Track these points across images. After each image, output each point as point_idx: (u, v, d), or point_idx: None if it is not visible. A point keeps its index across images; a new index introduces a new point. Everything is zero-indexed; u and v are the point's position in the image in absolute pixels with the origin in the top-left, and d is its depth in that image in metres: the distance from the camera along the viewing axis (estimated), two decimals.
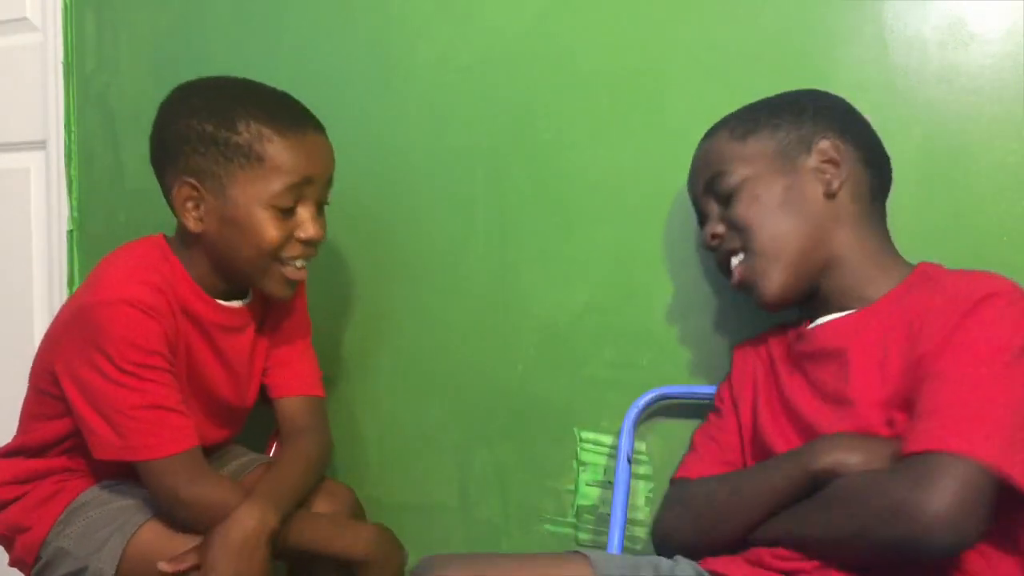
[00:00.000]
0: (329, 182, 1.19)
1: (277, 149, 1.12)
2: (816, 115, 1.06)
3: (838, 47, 1.18)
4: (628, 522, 1.30)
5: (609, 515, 1.24)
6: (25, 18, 1.81)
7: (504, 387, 1.39)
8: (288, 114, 1.15)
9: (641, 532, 1.30)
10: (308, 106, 1.53)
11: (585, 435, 1.34)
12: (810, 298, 1.07)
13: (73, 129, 1.75)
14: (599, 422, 1.32)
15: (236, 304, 1.23)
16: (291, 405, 1.30)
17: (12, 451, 1.23)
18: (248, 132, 1.11)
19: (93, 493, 1.19)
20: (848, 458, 0.92)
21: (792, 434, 1.03)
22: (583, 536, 1.34)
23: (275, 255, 1.15)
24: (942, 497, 0.81)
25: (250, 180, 1.11)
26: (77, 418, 1.12)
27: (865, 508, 0.87)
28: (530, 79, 1.35)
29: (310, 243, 1.17)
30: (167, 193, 1.16)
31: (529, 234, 1.36)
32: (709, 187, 1.09)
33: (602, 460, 1.33)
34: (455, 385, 1.43)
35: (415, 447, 1.46)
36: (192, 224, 1.14)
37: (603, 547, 1.31)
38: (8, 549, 1.22)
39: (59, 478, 1.20)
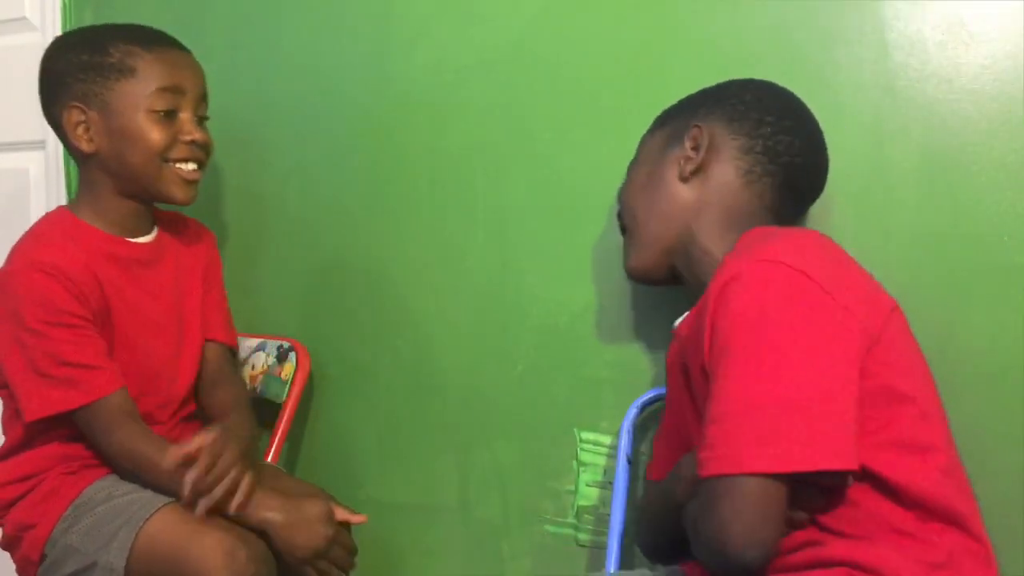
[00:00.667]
0: (203, 97, 1.29)
1: (146, 60, 1.23)
2: (715, 105, 1.08)
3: (838, 47, 1.18)
4: (628, 522, 1.30)
5: (609, 515, 1.24)
6: (24, 18, 1.81)
7: (504, 387, 1.39)
8: (154, 35, 1.28)
9: None
10: (308, 106, 1.54)
11: (585, 435, 1.34)
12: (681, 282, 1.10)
13: None
14: (599, 422, 1.32)
15: (143, 239, 1.31)
16: (215, 350, 1.38)
17: (3, 454, 1.24)
18: (118, 51, 1.24)
19: (99, 487, 1.19)
20: (682, 470, 0.98)
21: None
22: (583, 536, 1.34)
23: (163, 156, 1.24)
24: (725, 523, 0.83)
25: (127, 91, 1.22)
26: (10, 389, 1.18)
27: (694, 537, 0.90)
28: (530, 79, 1.35)
29: (194, 145, 1.26)
30: (59, 128, 1.26)
31: (529, 234, 1.36)
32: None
33: (602, 460, 1.33)
34: (455, 385, 1.43)
35: (415, 447, 1.46)
36: (85, 146, 1.24)
37: (603, 547, 1.31)
38: (15, 548, 1.22)
39: (62, 470, 1.21)
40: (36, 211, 1.82)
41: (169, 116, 1.24)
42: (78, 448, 1.21)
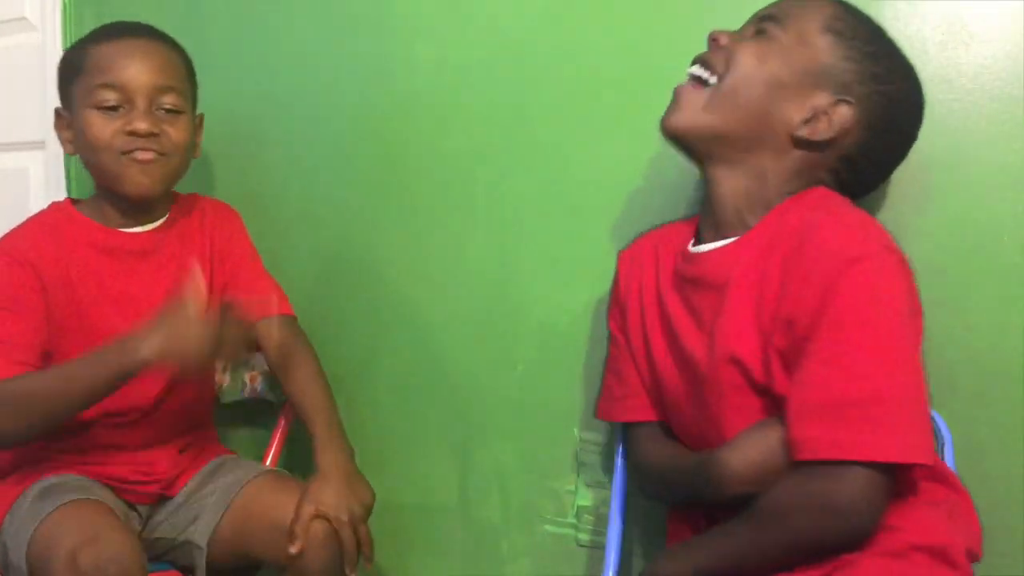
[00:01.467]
0: (161, 88, 1.24)
1: (92, 57, 1.23)
2: (866, 87, 0.99)
3: None
4: (628, 522, 1.30)
5: (609, 515, 1.24)
6: (24, 18, 1.81)
7: (504, 387, 1.39)
8: (114, 29, 1.28)
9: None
10: (308, 106, 1.54)
11: (585, 435, 1.34)
12: (707, 203, 1.05)
13: None
14: (599, 422, 1.32)
15: (139, 229, 1.30)
16: (267, 326, 1.32)
17: None
18: (78, 51, 1.26)
19: (34, 489, 1.19)
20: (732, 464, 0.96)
21: (671, 359, 1.05)
22: (583, 536, 1.34)
23: (113, 150, 1.22)
24: (856, 506, 0.86)
25: (80, 90, 1.23)
26: None
27: (795, 522, 0.89)
28: (530, 79, 1.35)
29: (136, 134, 1.21)
30: None
31: (529, 234, 1.36)
32: (762, 17, 1.04)
33: (602, 460, 1.33)
34: (455, 385, 1.43)
35: (415, 447, 1.46)
36: (66, 148, 1.28)
37: (603, 547, 1.31)
38: None
39: (13, 478, 1.22)
40: (35, 211, 1.82)
41: (116, 110, 1.22)
42: (24, 454, 1.23)
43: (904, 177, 1.14)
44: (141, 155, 1.22)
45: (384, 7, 1.46)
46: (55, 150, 1.77)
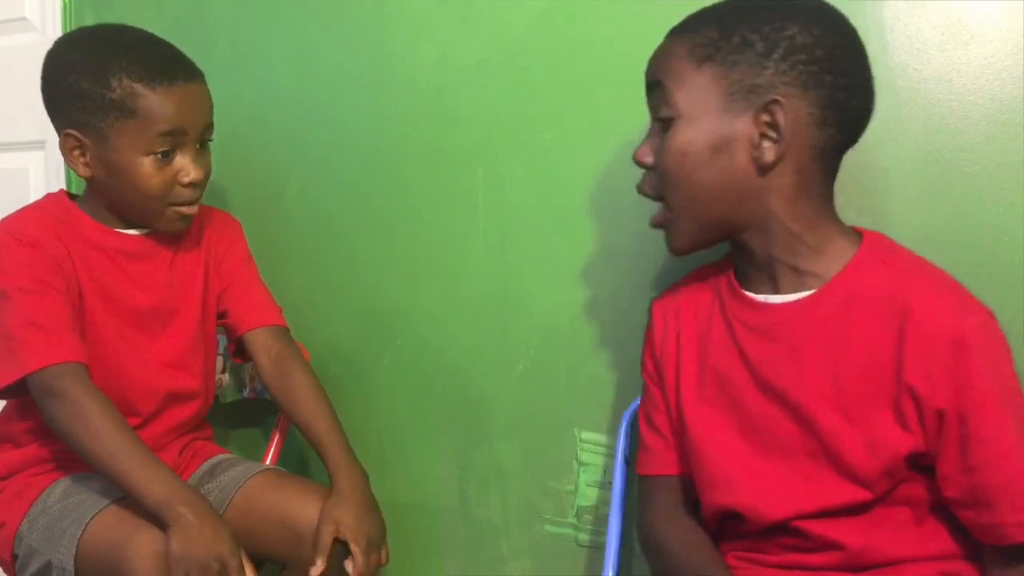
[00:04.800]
0: (207, 126, 1.26)
1: (148, 103, 1.18)
2: (785, 56, 0.92)
3: None
4: (627, 522, 1.30)
5: (609, 515, 1.24)
6: (24, 18, 1.81)
7: (504, 387, 1.39)
8: (159, 66, 1.21)
9: None
10: (307, 105, 1.54)
11: (585, 435, 1.34)
12: (739, 251, 1.02)
13: None
14: (599, 422, 1.32)
15: (135, 232, 1.28)
16: (258, 338, 1.32)
17: None
18: (120, 88, 1.17)
19: (59, 487, 1.18)
20: None
21: (723, 416, 1.02)
22: (583, 536, 1.34)
23: (161, 200, 1.22)
24: None
25: (126, 131, 1.18)
26: None
27: None
28: (530, 79, 1.35)
29: (193, 185, 1.23)
30: (59, 141, 1.24)
31: (529, 234, 1.36)
32: (652, 90, 1.02)
33: (602, 460, 1.33)
34: (455, 385, 1.43)
35: (415, 447, 1.46)
36: (81, 170, 1.22)
37: (603, 547, 1.31)
38: None
39: (33, 471, 1.21)
40: None
41: (168, 156, 1.21)
42: (54, 450, 1.21)
43: (904, 177, 1.14)
44: (187, 209, 1.24)
45: (384, 7, 1.46)
46: (55, 150, 1.76)
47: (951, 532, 0.95)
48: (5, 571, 1.21)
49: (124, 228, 1.27)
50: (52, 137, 1.75)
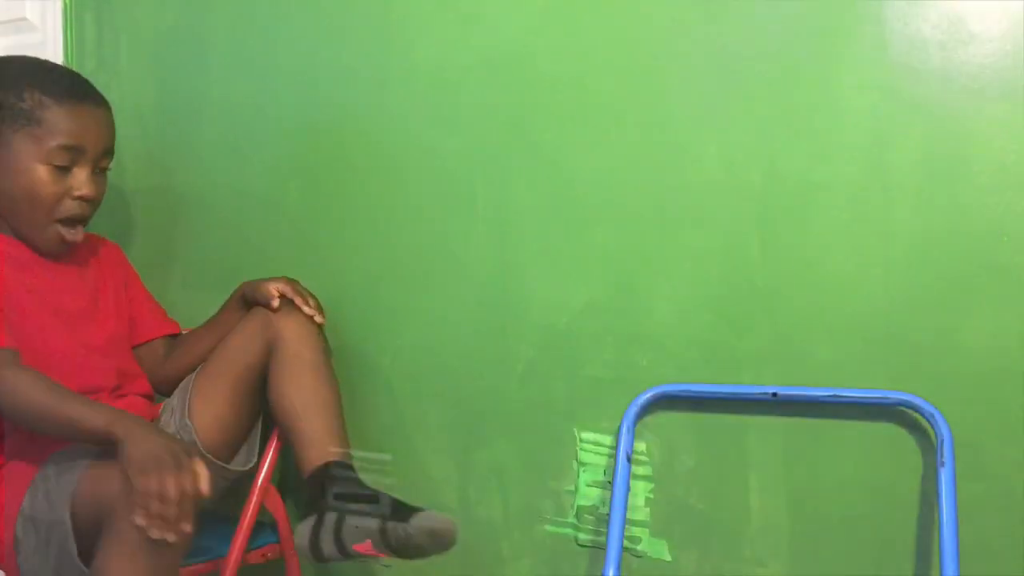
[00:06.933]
0: (106, 151, 1.34)
1: (54, 115, 1.28)
2: None
3: (838, 47, 1.18)
4: (628, 522, 1.30)
5: (609, 515, 1.24)
6: (25, 18, 1.81)
7: (504, 387, 1.39)
8: (70, 87, 1.31)
9: (641, 532, 1.30)
10: (308, 106, 1.54)
11: (585, 435, 1.34)
12: None
13: None
14: (599, 422, 1.32)
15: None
16: (161, 346, 1.46)
17: None
18: (31, 100, 1.28)
19: (50, 465, 1.20)
20: None
21: None
22: (583, 536, 1.34)
23: (50, 210, 1.29)
24: None
25: (30, 139, 1.27)
26: None
27: None
28: (531, 79, 1.35)
29: (84, 200, 1.30)
30: None
31: (529, 234, 1.36)
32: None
33: (602, 460, 1.33)
34: (455, 385, 1.43)
35: (415, 447, 1.46)
36: None
37: (603, 547, 1.31)
38: None
39: (25, 458, 1.23)
40: None
41: (65, 171, 1.28)
42: (43, 439, 1.23)
43: (904, 177, 1.14)
44: (69, 234, 1.31)
45: (384, 7, 1.46)
46: None
47: None
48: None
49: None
50: None
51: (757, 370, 1.23)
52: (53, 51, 1.75)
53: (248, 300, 1.39)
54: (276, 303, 1.33)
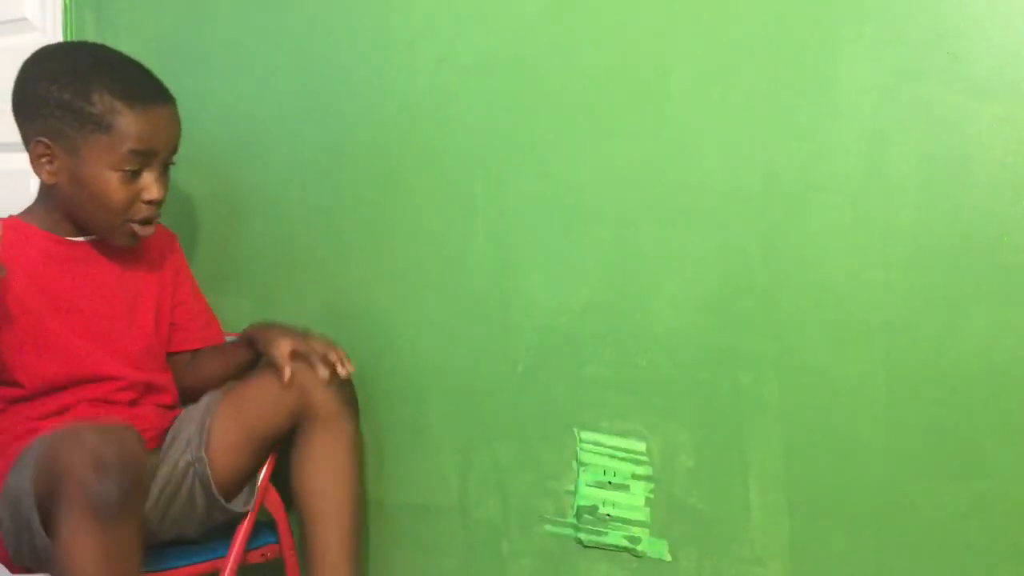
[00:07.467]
0: (174, 149, 1.32)
1: (126, 119, 1.24)
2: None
3: (838, 47, 1.18)
4: (628, 522, 1.30)
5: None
6: (25, 18, 1.81)
7: (504, 387, 1.39)
8: (139, 87, 1.28)
9: (641, 532, 1.30)
10: (307, 106, 1.54)
11: (585, 435, 1.34)
12: None
13: None
14: (599, 422, 1.32)
15: (81, 238, 1.33)
16: (189, 354, 1.44)
17: None
18: (101, 104, 1.24)
19: (36, 441, 1.19)
20: None
21: None
22: (583, 536, 1.34)
23: (122, 215, 1.27)
24: None
25: (100, 145, 1.24)
26: None
27: None
28: (530, 79, 1.35)
29: (152, 203, 1.29)
30: (26, 145, 1.29)
31: (529, 234, 1.36)
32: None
33: (602, 460, 1.33)
34: (455, 385, 1.43)
35: (415, 447, 1.46)
36: (46, 177, 1.28)
37: (603, 547, 1.31)
38: None
39: (11, 434, 1.25)
40: None
41: (135, 174, 1.26)
42: (27, 415, 1.26)
43: (904, 177, 1.14)
44: (141, 229, 1.29)
45: (384, 7, 1.46)
46: None
47: None
48: None
49: (70, 235, 1.32)
50: None
51: (757, 370, 1.23)
52: None
53: (257, 348, 1.37)
54: (287, 376, 1.28)
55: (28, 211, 1.35)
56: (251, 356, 1.39)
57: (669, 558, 1.29)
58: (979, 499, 1.11)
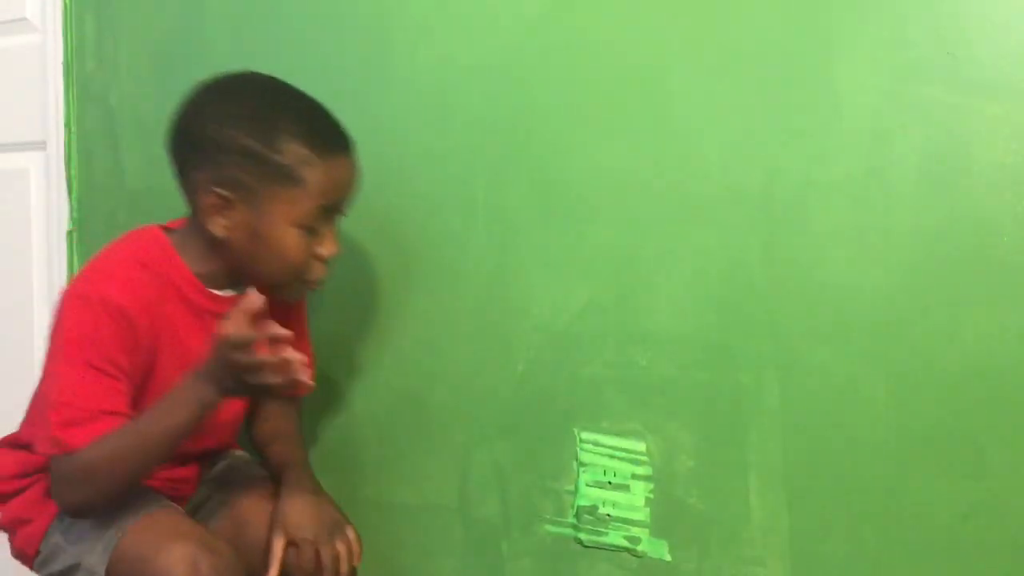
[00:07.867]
0: (352, 201, 1.22)
1: (317, 173, 1.12)
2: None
3: (838, 47, 1.18)
4: (628, 522, 1.30)
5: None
6: (25, 18, 1.81)
7: (504, 387, 1.39)
8: (328, 134, 1.16)
9: (641, 532, 1.30)
10: None
11: (585, 435, 1.34)
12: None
13: (73, 129, 1.75)
14: (599, 422, 1.32)
15: (228, 293, 1.22)
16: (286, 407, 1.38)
17: (14, 443, 1.23)
18: (292, 154, 1.11)
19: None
20: None
21: None
22: (583, 536, 1.34)
23: (298, 273, 1.16)
24: None
25: (287, 199, 1.11)
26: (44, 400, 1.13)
27: None
28: (531, 79, 1.35)
29: (326, 261, 1.18)
30: (191, 193, 1.16)
31: (529, 234, 1.36)
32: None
33: (602, 460, 1.33)
34: (455, 385, 1.43)
35: (415, 447, 1.46)
36: (220, 231, 1.14)
37: (603, 547, 1.31)
38: (11, 537, 1.23)
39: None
40: (36, 211, 1.82)
41: (314, 231, 1.15)
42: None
43: (904, 177, 1.14)
44: (315, 286, 1.20)
45: (384, 7, 1.46)
46: (56, 150, 1.77)
47: None
48: (24, 563, 1.22)
49: (220, 288, 1.21)
50: (53, 137, 1.77)
51: (757, 370, 1.23)
52: (53, 51, 1.75)
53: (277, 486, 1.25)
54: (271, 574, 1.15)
55: (182, 239, 1.20)
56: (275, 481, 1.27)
57: (669, 558, 1.29)
58: (979, 499, 1.11)
